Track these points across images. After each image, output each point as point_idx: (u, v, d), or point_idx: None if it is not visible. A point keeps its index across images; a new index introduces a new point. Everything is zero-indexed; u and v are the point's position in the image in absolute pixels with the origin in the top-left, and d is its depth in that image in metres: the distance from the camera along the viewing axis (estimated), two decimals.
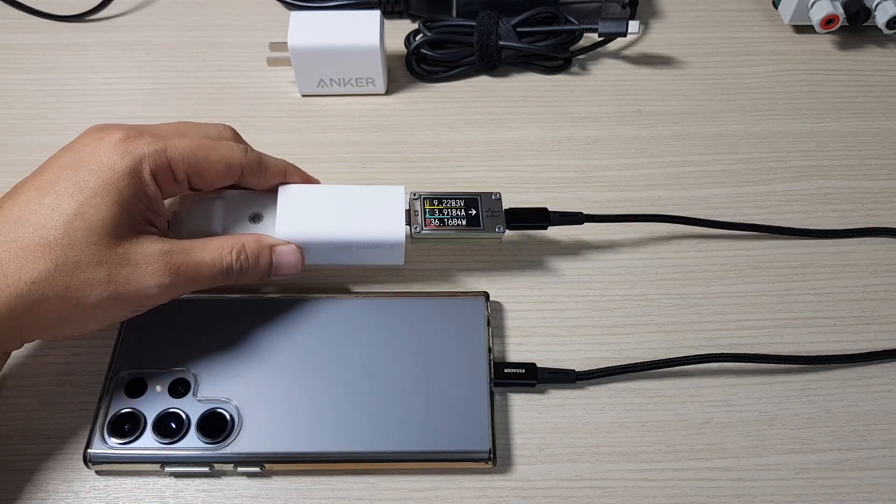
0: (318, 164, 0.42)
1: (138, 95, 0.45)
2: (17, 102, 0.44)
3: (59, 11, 0.49)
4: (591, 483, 0.31)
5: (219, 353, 0.32)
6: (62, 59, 0.47)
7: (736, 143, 0.43)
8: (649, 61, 0.48)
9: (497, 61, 0.45)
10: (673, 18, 0.50)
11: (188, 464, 0.30)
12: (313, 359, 0.32)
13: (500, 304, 0.36)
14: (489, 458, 0.30)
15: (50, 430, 0.32)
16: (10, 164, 0.41)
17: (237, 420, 0.31)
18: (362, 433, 0.31)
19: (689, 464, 0.32)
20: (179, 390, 0.31)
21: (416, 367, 0.32)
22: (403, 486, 0.31)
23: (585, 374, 0.33)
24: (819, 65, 0.48)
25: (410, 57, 0.46)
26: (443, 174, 0.41)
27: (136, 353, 0.32)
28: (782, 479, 0.31)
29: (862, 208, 0.40)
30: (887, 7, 0.45)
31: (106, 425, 0.30)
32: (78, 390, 0.33)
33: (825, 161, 0.42)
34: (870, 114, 0.45)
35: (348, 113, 0.44)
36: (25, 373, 0.34)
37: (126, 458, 0.30)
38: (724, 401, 0.33)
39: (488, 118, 0.44)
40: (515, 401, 0.33)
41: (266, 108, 0.44)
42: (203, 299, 0.34)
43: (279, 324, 0.33)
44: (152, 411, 0.31)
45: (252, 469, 0.30)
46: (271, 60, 0.44)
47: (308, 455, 0.30)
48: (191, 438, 0.30)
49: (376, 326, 0.33)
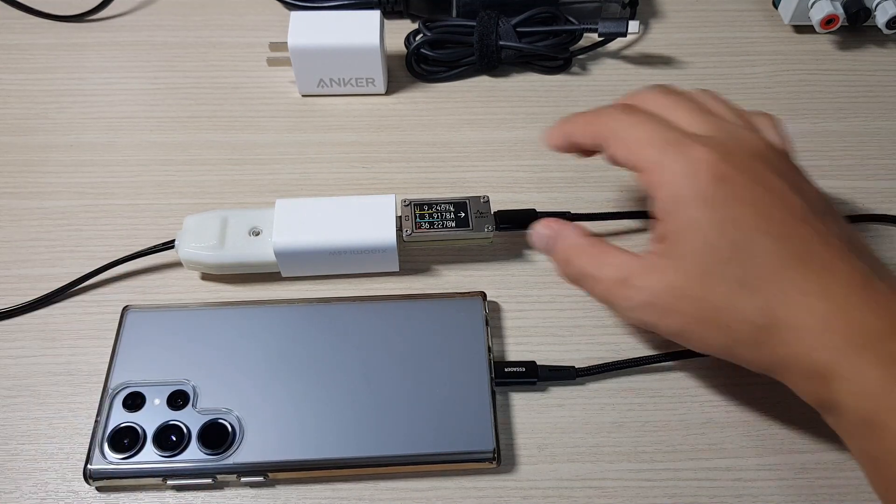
0: (318, 164, 0.42)
1: (138, 95, 0.45)
2: (17, 102, 0.44)
3: (59, 11, 0.49)
4: (592, 483, 0.31)
5: (217, 363, 0.32)
6: (62, 59, 0.47)
7: None
8: (649, 61, 0.48)
9: (497, 61, 0.45)
10: (673, 18, 0.50)
11: (190, 476, 0.30)
12: (313, 365, 0.32)
13: (499, 304, 0.36)
14: (493, 458, 0.30)
15: (50, 430, 0.32)
16: (10, 164, 0.41)
17: (238, 430, 0.31)
18: (365, 438, 0.31)
19: (689, 464, 0.32)
20: (178, 402, 0.31)
21: (416, 370, 0.32)
22: (403, 487, 0.31)
23: (585, 370, 0.33)
24: (819, 65, 0.48)
25: (410, 57, 0.46)
26: (443, 174, 0.41)
27: (133, 367, 0.32)
28: (782, 479, 0.31)
29: (862, 208, 0.40)
30: (887, 7, 0.45)
31: (105, 440, 0.30)
32: (78, 390, 0.33)
33: (825, 161, 0.42)
34: (870, 114, 0.45)
35: (348, 113, 0.44)
36: (25, 373, 0.34)
37: (127, 472, 0.30)
38: (724, 401, 0.33)
39: (488, 118, 0.44)
40: (516, 401, 0.33)
41: (266, 108, 0.44)
42: (198, 309, 0.34)
43: (277, 331, 0.33)
44: (152, 424, 0.31)
45: (256, 479, 0.30)
46: (271, 60, 0.44)
47: (312, 462, 0.30)
48: (192, 450, 0.30)
49: (374, 330, 0.33)
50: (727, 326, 0.26)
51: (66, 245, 0.38)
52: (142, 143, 0.43)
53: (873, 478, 0.26)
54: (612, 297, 0.29)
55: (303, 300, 0.35)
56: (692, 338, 0.28)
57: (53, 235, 0.38)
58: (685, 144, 0.27)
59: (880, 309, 0.25)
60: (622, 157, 0.29)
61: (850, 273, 0.26)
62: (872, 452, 0.25)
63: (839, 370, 0.25)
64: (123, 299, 0.35)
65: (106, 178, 0.41)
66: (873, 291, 0.25)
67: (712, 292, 0.26)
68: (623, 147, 0.29)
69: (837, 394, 0.25)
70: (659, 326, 0.28)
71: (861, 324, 0.25)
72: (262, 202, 0.40)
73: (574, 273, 0.31)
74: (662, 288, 0.27)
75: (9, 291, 0.36)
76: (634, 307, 0.28)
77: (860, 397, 0.24)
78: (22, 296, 0.36)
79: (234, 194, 0.40)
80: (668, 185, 0.27)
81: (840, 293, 0.25)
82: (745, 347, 0.27)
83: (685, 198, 0.27)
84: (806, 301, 0.25)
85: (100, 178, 0.41)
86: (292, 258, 0.35)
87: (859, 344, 0.24)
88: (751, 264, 0.26)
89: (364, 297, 0.35)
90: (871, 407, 0.24)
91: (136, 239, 0.38)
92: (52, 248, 0.38)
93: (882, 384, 0.24)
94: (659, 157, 0.28)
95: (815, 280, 0.26)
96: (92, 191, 0.40)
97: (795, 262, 0.26)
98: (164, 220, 0.39)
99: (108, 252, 0.37)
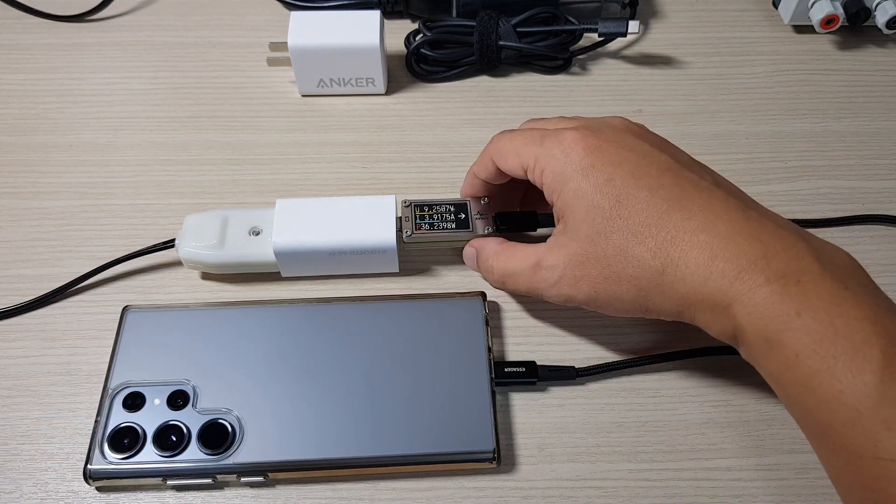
0: (318, 164, 0.42)
1: (138, 95, 0.45)
2: (17, 102, 0.44)
3: (59, 11, 0.49)
4: (592, 483, 0.31)
5: (217, 363, 0.32)
6: (62, 59, 0.47)
7: (736, 143, 0.43)
8: (649, 61, 0.48)
9: (497, 61, 0.45)
10: (673, 18, 0.50)
11: (190, 476, 0.30)
12: (313, 365, 0.32)
13: (498, 304, 0.36)
14: (493, 458, 0.30)
15: (50, 430, 0.32)
16: (10, 164, 0.41)
17: (238, 430, 0.31)
18: (365, 438, 0.31)
19: (689, 464, 0.32)
20: (178, 402, 0.31)
21: (416, 370, 0.32)
22: (403, 487, 0.31)
23: (586, 370, 0.33)
24: (819, 65, 0.48)
25: (410, 57, 0.46)
26: (443, 174, 0.41)
27: (133, 367, 0.32)
28: (782, 479, 0.31)
29: (862, 208, 0.40)
30: (887, 7, 0.45)
31: (105, 440, 0.30)
32: (78, 390, 0.33)
33: (825, 161, 0.42)
34: (870, 114, 0.45)
35: (348, 113, 0.44)
36: (25, 373, 0.34)
37: (127, 472, 0.30)
38: (724, 401, 0.33)
39: (488, 118, 0.44)
40: (516, 401, 0.33)
41: (266, 108, 0.44)
42: (198, 309, 0.34)
43: (277, 331, 0.33)
44: (152, 425, 0.31)
45: (255, 479, 0.30)
46: (271, 60, 0.44)
47: (312, 462, 0.30)
48: (192, 450, 0.30)
49: (374, 330, 0.33)
50: (632, 277, 0.29)
51: (66, 245, 0.38)
52: (142, 143, 0.43)
53: (781, 396, 0.27)
54: (533, 284, 0.31)
55: (303, 300, 0.35)
56: (607, 298, 0.30)
57: (53, 235, 0.38)
58: (557, 133, 0.31)
59: (762, 234, 0.27)
60: (512, 164, 0.32)
61: (726, 208, 0.28)
62: (774, 371, 0.26)
63: (734, 294, 0.26)
64: (123, 299, 0.35)
65: (106, 178, 0.41)
66: (751, 220, 0.28)
67: (608, 247, 0.29)
68: (509, 155, 0.32)
69: (738, 318, 0.27)
70: (577, 297, 0.30)
71: (746, 249, 0.27)
72: (262, 202, 0.40)
73: (498, 276, 0.33)
74: (567, 259, 0.30)
75: (9, 291, 0.36)
76: (551, 286, 0.31)
77: (756, 317, 0.26)
78: (22, 296, 0.36)
79: (235, 194, 0.40)
80: (551, 168, 0.30)
81: (721, 225, 0.27)
82: (654, 295, 0.28)
83: (566, 173, 0.30)
84: (692, 237, 0.27)
85: (100, 178, 0.41)
86: (292, 258, 0.35)
87: (746, 267, 0.26)
88: (635, 215, 0.28)
89: (364, 297, 0.35)
90: (767, 324, 0.26)
91: (136, 239, 0.38)
92: (52, 248, 0.38)
93: (773, 301, 0.26)
94: (537, 150, 0.31)
95: (696, 217, 0.28)
96: (92, 191, 0.40)
97: (675, 206, 0.28)
98: (164, 220, 0.39)
99: (108, 252, 0.37)
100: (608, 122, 0.32)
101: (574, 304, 0.31)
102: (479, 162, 0.35)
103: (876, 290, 0.27)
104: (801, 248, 0.27)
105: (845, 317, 0.25)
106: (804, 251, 0.27)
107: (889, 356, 0.24)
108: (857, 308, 0.25)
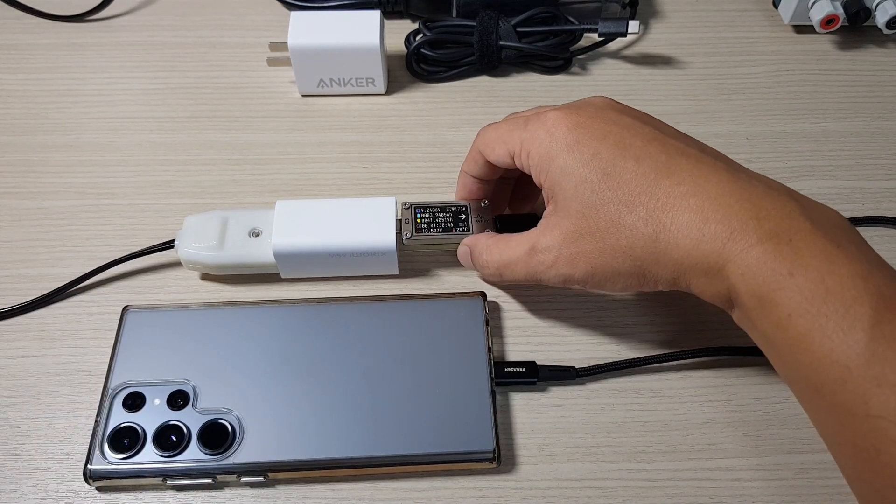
0: (318, 164, 0.42)
1: (138, 95, 0.45)
2: (17, 102, 0.44)
3: (59, 11, 0.49)
4: (592, 483, 0.31)
5: (217, 363, 0.32)
6: (62, 59, 0.47)
7: (736, 143, 0.43)
8: (649, 61, 0.48)
9: (497, 61, 0.45)
10: (673, 18, 0.50)
11: (190, 476, 0.30)
12: (313, 365, 0.32)
13: (498, 304, 0.36)
14: (493, 458, 0.30)
15: (50, 430, 0.32)
16: (10, 164, 0.41)
17: (238, 430, 0.31)
18: (366, 438, 0.31)
19: (689, 464, 0.32)
20: (178, 402, 0.31)
21: (417, 370, 0.32)
22: (403, 487, 0.31)
23: (586, 370, 0.33)
24: (819, 65, 0.48)
25: (410, 57, 0.46)
26: (443, 174, 0.41)
27: (133, 367, 0.32)
28: (782, 479, 0.31)
29: (862, 208, 0.40)
30: (887, 7, 0.45)
31: (105, 440, 0.30)
32: (78, 390, 0.33)
33: (825, 161, 0.42)
34: (870, 114, 0.45)
35: (348, 113, 0.44)
36: (25, 373, 0.34)
37: (127, 472, 0.30)
38: (724, 401, 0.33)
39: (488, 118, 0.44)
40: (516, 401, 0.33)
41: (266, 108, 0.44)
42: (198, 309, 0.34)
43: (277, 331, 0.33)
44: (152, 425, 0.31)
45: (256, 479, 0.30)
46: (271, 60, 0.44)
47: (312, 462, 0.30)
48: (192, 450, 0.30)
49: (375, 330, 0.33)
50: (626, 248, 0.29)
51: (66, 245, 0.38)
52: (142, 143, 0.43)
53: (773, 358, 0.27)
54: (530, 269, 0.31)
55: (303, 300, 0.35)
56: (604, 273, 0.29)
57: (53, 235, 0.38)
58: (540, 115, 0.31)
59: (752, 195, 0.27)
60: (499, 152, 0.32)
61: (715, 171, 0.28)
62: (767, 330, 0.26)
63: (727, 255, 0.27)
64: (123, 299, 0.35)
65: (106, 178, 0.41)
66: (740, 182, 0.28)
67: (600, 220, 0.29)
68: (495, 144, 0.33)
69: (731, 279, 0.27)
70: (575, 275, 0.30)
71: (737, 210, 0.27)
72: (262, 202, 0.40)
73: (494, 269, 0.33)
74: (562, 238, 0.30)
75: (9, 291, 0.36)
76: (549, 267, 0.30)
77: (749, 277, 0.26)
78: (22, 296, 0.36)
79: (235, 194, 0.40)
80: (536, 149, 0.31)
81: (711, 188, 0.28)
82: (649, 264, 0.28)
83: (551, 151, 0.30)
84: (682, 201, 0.28)
85: (100, 178, 0.41)
86: (291, 260, 0.35)
87: (738, 228, 0.26)
88: (624, 185, 0.29)
89: (364, 297, 0.35)
90: (760, 284, 0.26)
91: (136, 239, 0.38)
92: (52, 248, 0.38)
93: (766, 260, 0.26)
94: (522, 133, 0.31)
95: (686, 183, 0.28)
96: (92, 191, 0.40)
97: (663, 173, 0.28)
98: (164, 220, 0.39)
99: (108, 252, 0.37)
100: (590, 101, 0.32)
101: (573, 283, 0.31)
102: (468, 159, 0.35)
103: (867, 248, 0.27)
104: (792, 207, 0.27)
105: (837, 274, 0.25)
106: (795, 210, 0.27)
107: (880, 313, 0.24)
108: (849, 265, 0.25)
